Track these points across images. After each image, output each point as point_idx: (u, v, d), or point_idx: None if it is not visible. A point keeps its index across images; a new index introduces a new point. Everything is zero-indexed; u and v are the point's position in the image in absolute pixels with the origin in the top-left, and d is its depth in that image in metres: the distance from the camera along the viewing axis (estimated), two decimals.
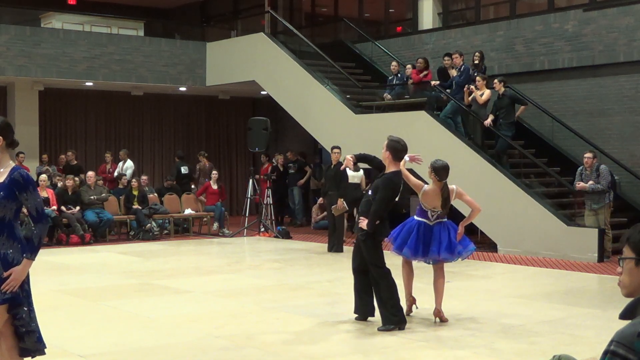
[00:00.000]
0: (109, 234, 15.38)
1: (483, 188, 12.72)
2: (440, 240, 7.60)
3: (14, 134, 4.48)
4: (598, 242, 12.04)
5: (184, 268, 11.67)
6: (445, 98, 14.67)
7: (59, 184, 15.32)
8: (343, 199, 12.71)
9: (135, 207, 15.58)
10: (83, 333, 7.21)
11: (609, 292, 9.45)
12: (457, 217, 9.35)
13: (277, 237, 15.57)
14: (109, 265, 11.89)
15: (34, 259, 4.37)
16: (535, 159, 14.03)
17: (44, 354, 4.50)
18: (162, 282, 10.18)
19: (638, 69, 13.75)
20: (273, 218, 16.53)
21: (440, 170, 7.58)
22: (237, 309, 8.38)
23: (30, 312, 4.36)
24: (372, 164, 7.61)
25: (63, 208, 14.54)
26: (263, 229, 16.00)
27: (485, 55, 14.89)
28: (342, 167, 7.85)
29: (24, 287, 4.32)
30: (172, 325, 7.56)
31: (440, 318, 7.62)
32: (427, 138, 13.54)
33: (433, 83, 14.91)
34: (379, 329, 7.23)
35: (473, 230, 13.37)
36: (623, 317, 2.57)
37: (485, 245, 13.51)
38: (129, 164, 17.50)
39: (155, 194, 16.54)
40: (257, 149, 16.59)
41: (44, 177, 14.63)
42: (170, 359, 6.35)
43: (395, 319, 7.25)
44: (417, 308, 7.95)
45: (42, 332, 4.49)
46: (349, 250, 9.19)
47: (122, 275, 10.83)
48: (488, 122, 13.76)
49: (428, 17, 17.49)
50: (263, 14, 20.68)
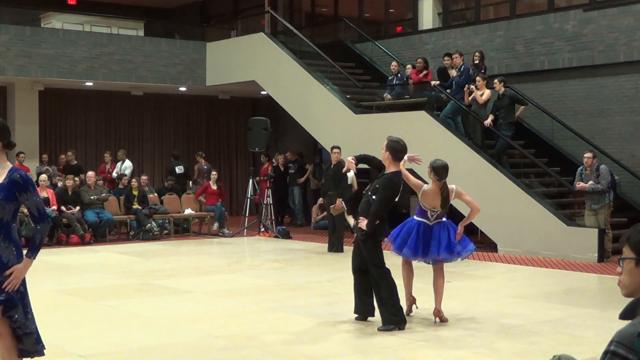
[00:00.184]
0: (109, 234, 15.38)
1: (483, 188, 12.72)
2: (440, 240, 7.60)
3: (11, 135, 4.47)
4: (598, 242, 12.05)
5: (184, 268, 11.67)
6: (445, 98, 14.67)
7: (59, 184, 15.32)
8: (342, 199, 12.81)
9: (135, 207, 15.58)
10: (83, 333, 7.21)
11: (609, 292, 9.45)
12: (456, 217, 9.35)
13: (277, 237, 15.57)
14: (109, 265, 11.89)
15: (35, 258, 4.38)
16: (535, 159, 14.03)
17: (43, 355, 4.49)
18: (162, 282, 10.18)
19: (638, 69, 13.75)
20: (273, 218, 16.53)
21: (440, 170, 7.58)
22: (237, 309, 8.38)
23: (27, 313, 4.34)
24: (371, 164, 7.60)
25: (63, 208, 14.53)
26: (263, 229, 16.00)
27: (485, 55, 14.89)
28: (344, 169, 7.82)
29: (19, 288, 4.31)
30: (172, 325, 7.55)
31: (440, 318, 7.61)
32: (427, 138, 13.54)
33: (433, 83, 14.92)
34: (379, 329, 7.23)
35: (473, 230, 13.37)
36: (623, 317, 2.57)
37: (485, 245, 13.51)
38: (128, 164, 17.50)
39: (155, 194, 16.54)
40: (257, 149, 16.59)
41: (44, 177, 14.63)
42: (170, 359, 6.35)
43: (395, 319, 7.25)
44: (417, 308, 7.95)
45: (42, 332, 4.49)
46: (349, 250, 9.19)
47: (122, 275, 10.83)
48: (488, 122, 13.77)
49: (428, 17, 17.49)
50: (263, 14, 20.68)
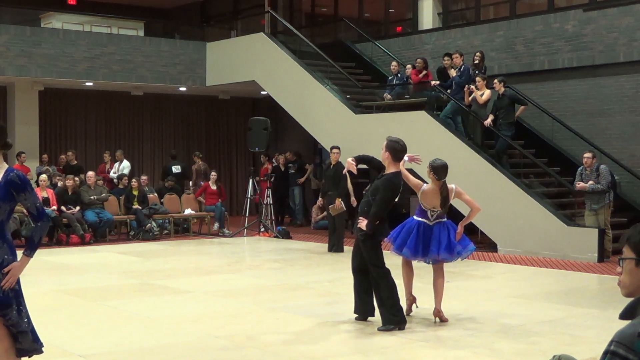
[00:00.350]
0: (109, 234, 15.38)
1: (483, 188, 12.71)
2: (440, 240, 7.60)
3: (7, 136, 4.47)
4: (598, 242, 12.04)
5: (184, 268, 11.67)
6: (445, 98, 14.67)
7: (59, 184, 15.32)
8: (341, 199, 12.86)
9: (135, 207, 15.57)
10: (83, 333, 7.21)
11: (609, 292, 9.45)
12: (456, 217, 9.35)
13: (277, 237, 15.57)
14: (109, 265, 11.89)
15: (32, 257, 4.39)
16: (535, 159, 14.03)
17: (42, 353, 4.49)
18: (162, 282, 10.18)
19: (638, 69, 13.75)
20: (273, 218, 16.53)
21: (439, 169, 7.58)
22: (237, 309, 8.37)
23: (21, 312, 4.33)
24: (371, 165, 7.59)
25: (63, 208, 14.53)
26: (263, 229, 15.99)
27: (485, 55, 14.89)
28: (344, 171, 7.80)
29: (14, 287, 4.31)
30: (172, 325, 7.55)
31: (440, 318, 7.61)
32: (427, 138, 13.54)
33: (433, 83, 14.92)
34: (379, 329, 7.23)
35: (473, 230, 13.37)
36: (623, 317, 2.57)
37: (485, 245, 13.51)
38: (125, 164, 17.50)
39: (155, 194, 16.54)
40: (257, 149, 16.59)
41: (44, 177, 14.63)
42: (170, 359, 6.35)
43: (395, 319, 7.25)
44: (417, 307, 7.94)
45: (42, 332, 4.49)
46: (349, 250, 9.19)
47: (122, 275, 10.83)
48: (488, 122, 13.77)
49: (428, 17, 17.49)
50: (263, 14, 20.68)
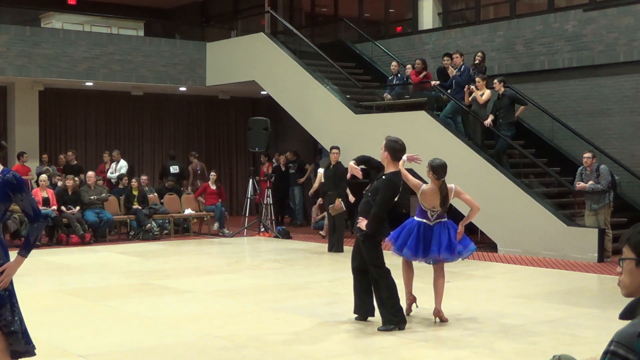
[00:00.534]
0: (109, 234, 15.37)
1: (483, 188, 12.71)
2: (440, 240, 7.59)
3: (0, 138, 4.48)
4: (598, 242, 12.04)
5: (184, 268, 11.66)
6: (445, 98, 14.67)
7: (59, 184, 15.32)
8: (341, 199, 12.86)
9: (135, 207, 15.57)
10: (83, 333, 7.20)
11: (609, 292, 9.45)
12: (456, 216, 9.35)
13: (277, 237, 15.57)
14: (109, 265, 11.89)
15: (27, 257, 4.39)
16: (535, 159, 14.03)
17: (34, 355, 4.48)
18: (162, 282, 10.18)
19: (638, 69, 13.75)
20: (273, 218, 16.53)
21: (438, 169, 7.58)
22: (237, 309, 8.37)
23: (14, 312, 4.32)
24: (370, 165, 7.59)
25: (63, 208, 14.52)
26: (263, 229, 15.99)
27: (486, 55, 14.89)
28: (348, 175, 7.80)
29: (8, 287, 4.31)
30: (172, 325, 7.55)
31: (440, 318, 7.61)
32: (427, 138, 13.54)
33: (433, 83, 14.92)
34: (379, 329, 7.23)
35: (473, 230, 13.37)
36: (623, 317, 2.56)
37: (485, 245, 13.51)
38: (123, 164, 17.49)
39: (155, 194, 16.54)
40: (257, 149, 16.58)
41: (44, 177, 14.62)
42: (170, 359, 6.35)
43: (395, 319, 7.24)
44: (417, 307, 7.94)
45: (42, 332, 4.50)
46: (349, 250, 9.19)
47: (122, 275, 10.83)
48: (488, 122, 13.77)
49: (428, 17, 17.49)
50: (263, 14, 20.69)
